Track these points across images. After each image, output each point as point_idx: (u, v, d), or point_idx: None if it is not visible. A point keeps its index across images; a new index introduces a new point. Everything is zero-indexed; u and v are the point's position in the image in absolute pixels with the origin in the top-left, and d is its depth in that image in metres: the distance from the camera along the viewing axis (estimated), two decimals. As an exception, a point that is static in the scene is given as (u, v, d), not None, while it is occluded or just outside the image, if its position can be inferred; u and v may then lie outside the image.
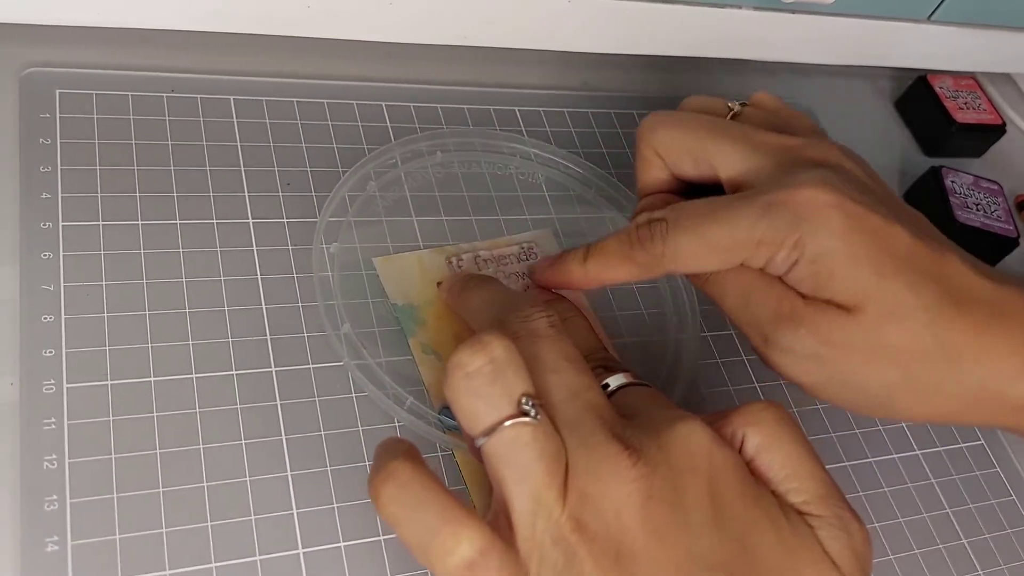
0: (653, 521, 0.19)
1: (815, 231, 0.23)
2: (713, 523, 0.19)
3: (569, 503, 0.19)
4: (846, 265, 0.23)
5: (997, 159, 0.44)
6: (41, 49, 0.29)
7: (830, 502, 0.21)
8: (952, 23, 0.39)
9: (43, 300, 0.25)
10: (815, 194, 0.23)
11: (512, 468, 0.19)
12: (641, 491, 0.19)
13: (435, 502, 0.19)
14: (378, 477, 0.19)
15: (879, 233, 0.23)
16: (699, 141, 0.26)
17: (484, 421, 0.19)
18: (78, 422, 0.23)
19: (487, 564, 0.18)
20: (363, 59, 0.33)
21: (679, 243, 0.24)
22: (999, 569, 0.30)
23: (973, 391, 0.24)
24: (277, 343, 0.26)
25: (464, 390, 0.20)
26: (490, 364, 0.19)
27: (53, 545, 0.21)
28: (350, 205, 0.29)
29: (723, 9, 0.34)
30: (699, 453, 0.20)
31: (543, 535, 0.19)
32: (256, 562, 0.22)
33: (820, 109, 0.41)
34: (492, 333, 0.20)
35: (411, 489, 0.19)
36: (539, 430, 0.19)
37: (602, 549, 0.19)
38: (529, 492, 0.19)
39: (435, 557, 0.18)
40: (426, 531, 0.18)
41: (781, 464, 0.21)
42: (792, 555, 0.20)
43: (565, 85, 0.36)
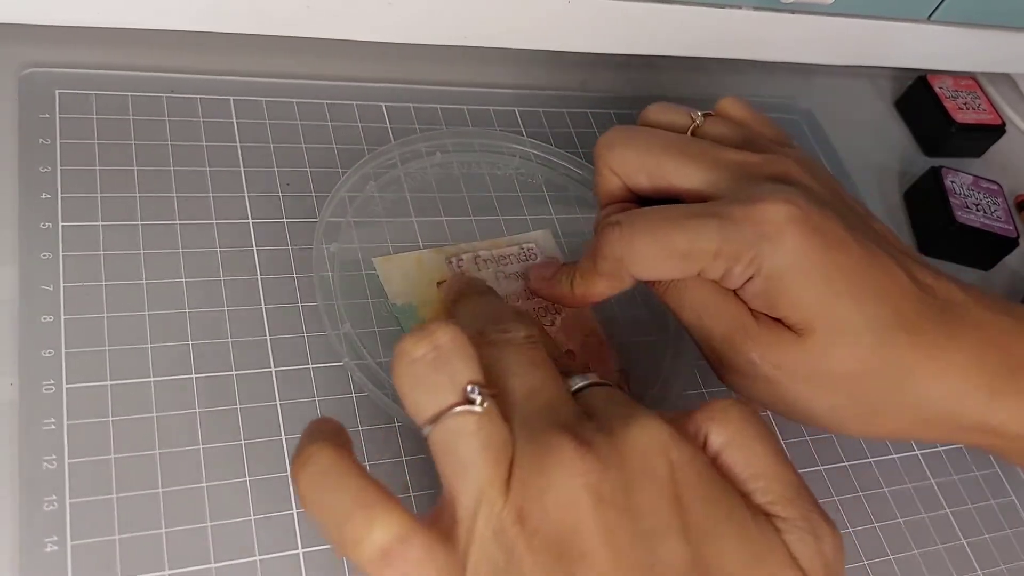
0: (604, 523, 0.18)
1: (772, 249, 0.23)
2: (668, 529, 0.18)
3: (512, 494, 0.18)
4: (798, 284, 0.23)
5: (997, 159, 0.44)
6: (41, 49, 0.29)
7: (798, 503, 0.19)
8: (952, 23, 0.39)
9: (43, 300, 0.25)
10: (774, 210, 0.23)
11: (455, 458, 0.18)
12: (590, 487, 0.18)
13: (352, 487, 0.18)
14: (297, 460, 0.18)
15: (833, 252, 0.23)
16: (656, 160, 0.25)
17: (427, 410, 0.19)
18: (77, 422, 0.23)
19: (405, 553, 0.17)
20: (363, 59, 0.33)
21: (636, 247, 0.24)
22: (998, 569, 0.30)
23: (923, 411, 0.23)
24: (277, 343, 0.26)
25: (407, 377, 0.19)
26: (434, 351, 0.19)
27: (52, 545, 0.21)
28: (350, 205, 0.29)
29: (722, 9, 0.34)
30: (656, 452, 0.19)
31: (484, 528, 0.18)
32: (256, 562, 0.22)
33: (820, 109, 0.41)
34: (439, 322, 0.19)
35: (329, 475, 0.18)
36: (484, 419, 0.18)
37: (544, 545, 0.17)
38: (471, 483, 0.18)
39: (348, 544, 0.17)
40: (340, 517, 0.17)
41: (746, 463, 0.20)
42: (756, 561, 0.18)
43: (565, 85, 0.36)
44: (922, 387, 0.23)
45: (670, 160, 0.25)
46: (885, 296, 0.23)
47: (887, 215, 0.39)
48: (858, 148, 0.41)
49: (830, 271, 0.23)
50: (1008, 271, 0.40)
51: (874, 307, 0.23)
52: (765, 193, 0.23)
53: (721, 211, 0.23)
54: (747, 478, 0.20)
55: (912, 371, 0.23)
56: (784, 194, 0.23)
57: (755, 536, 0.19)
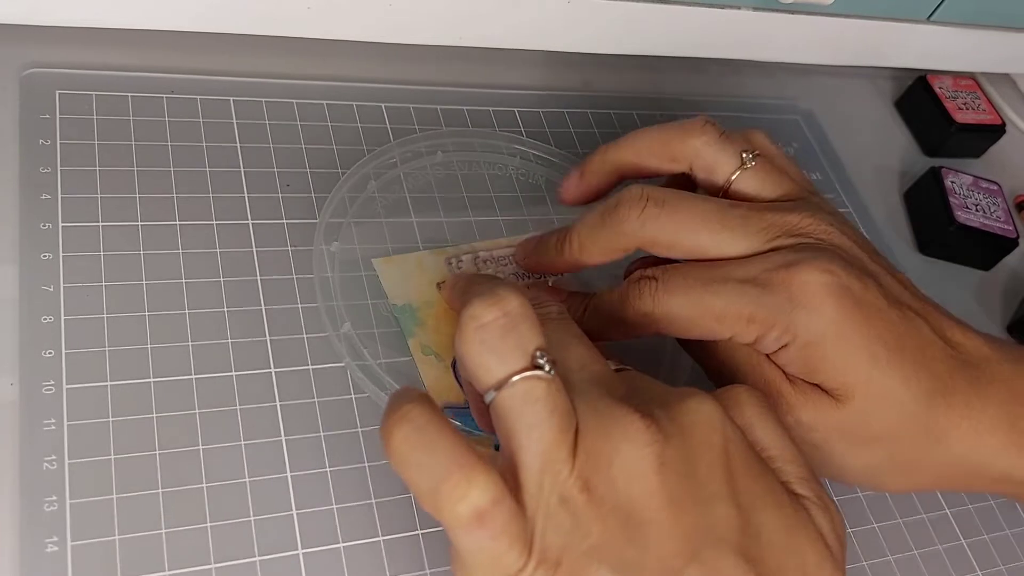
0: (666, 489, 0.18)
1: (808, 317, 0.23)
2: (724, 496, 0.19)
3: (578, 463, 0.18)
4: (837, 354, 0.23)
5: (996, 159, 0.44)
6: (41, 50, 0.29)
7: (811, 483, 0.21)
8: (951, 23, 0.39)
9: (43, 301, 0.25)
10: (812, 277, 0.23)
11: (522, 422, 0.18)
12: (655, 456, 0.18)
13: (449, 447, 0.18)
14: (392, 418, 0.18)
15: (871, 317, 0.23)
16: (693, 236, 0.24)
17: (495, 374, 0.19)
18: (78, 423, 0.23)
19: (496, 516, 0.18)
20: (362, 60, 0.33)
21: (669, 306, 0.24)
22: (998, 570, 0.30)
23: (956, 467, 0.24)
24: (276, 344, 0.26)
25: (476, 342, 0.19)
26: (504, 317, 0.19)
27: (53, 546, 0.21)
28: (350, 206, 0.29)
29: (722, 10, 0.34)
30: (712, 425, 0.20)
31: (550, 494, 0.18)
32: (256, 563, 0.22)
33: (819, 109, 0.41)
34: (507, 287, 0.19)
35: (425, 432, 0.18)
36: (552, 386, 0.19)
37: (611, 512, 0.18)
38: (539, 448, 0.18)
39: (444, 503, 0.18)
40: (437, 475, 0.18)
41: (765, 445, 0.21)
42: (794, 532, 0.20)
43: (565, 86, 0.36)
44: (956, 447, 0.24)
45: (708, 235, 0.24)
46: (922, 361, 0.24)
47: (887, 215, 0.39)
48: (858, 148, 0.41)
49: (869, 340, 0.23)
50: (1008, 271, 0.40)
51: (913, 374, 0.24)
52: (802, 261, 0.23)
53: (757, 277, 0.23)
54: (768, 458, 0.21)
55: (947, 432, 0.24)
56: (821, 261, 0.23)
57: (790, 509, 0.20)
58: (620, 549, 0.18)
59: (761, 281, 0.23)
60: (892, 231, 0.39)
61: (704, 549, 0.18)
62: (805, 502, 0.20)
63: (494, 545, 0.18)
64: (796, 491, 0.21)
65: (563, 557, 0.18)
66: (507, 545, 0.18)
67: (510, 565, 0.18)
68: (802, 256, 0.24)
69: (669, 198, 0.25)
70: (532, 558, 0.18)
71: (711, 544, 0.19)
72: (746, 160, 0.26)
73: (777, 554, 0.19)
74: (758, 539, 0.19)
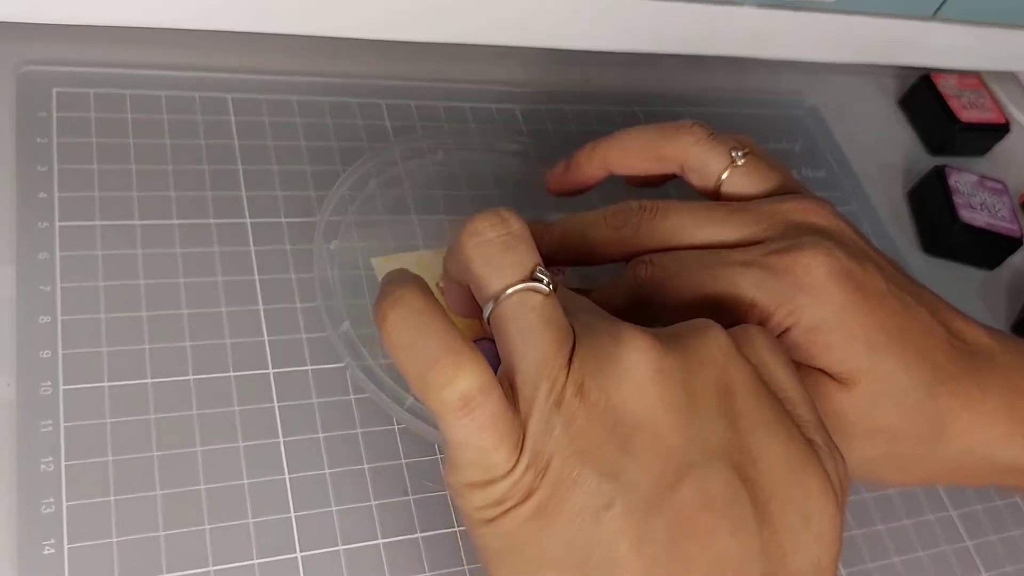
0: (661, 398, 0.18)
1: (811, 303, 0.23)
2: (722, 413, 0.19)
3: (573, 370, 0.18)
4: (841, 340, 0.23)
5: (1001, 158, 0.43)
6: (38, 47, 0.29)
7: (821, 429, 0.20)
8: (956, 21, 0.38)
9: (40, 301, 0.24)
10: (814, 263, 0.23)
11: (520, 329, 0.19)
12: (651, 362, 0.18)
13: (441, 331, 0.18)
14: (387, 300, 0.18)
15: (875, 308, 0.23)
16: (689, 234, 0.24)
17: (495, 284, 0.19)
18: (75, 424, 0.23)
19: (483, 405, 0.17)
20: (363, 56, 0.33)
21: (667, 291, 0.24)
22: (1004, 571, 0.29)
23: (957, 460, 0.24)
24: (275, 344, 0.26)
25: (478, 256, 0.19)
26: (507, 235, 0.19)
27: (50, 548, 0.21)
28: (350, 204, 0.29)
29: (726, 7, 0.34)
30: (717, 345, 0.19)
31: (545, 399, 0.18)
32: (254, 565, 0.22)
33: (823, 107, 0.41)
34: (510, 210, 0.20)
35: (420, 316, 0.18)
36: (549, 300, 0.19)
37: (603, 416, 0.18)
38: (535, 354, 0.18)
39: (431, 386, 0.18)
40: (427, 358, 0.18)
41: (781, 385, 0.20)
42: (800, 465, 0.19)
43: (567, 83, 0.36)
44: (957, 438, 0.24)
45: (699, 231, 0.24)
46: (924, 350, 0.23)
47: (891, 214, 0.39)
48: (862, 146, 0.41)
49: (871, 327, 0.23)
50: (1012, 270, 0.39)
51: (916, 363, 0.23)
52: (804, 244, 0.23)
53: (758, 260, 0.23)
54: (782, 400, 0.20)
55: (948, 424, 0.24)
56: (823, 246, 0.23)
57: (799, 445, 0.19)
58: (610, 455, 0.18)
59: (763, 264, 0.23)
60: (896, 230, 0.38)
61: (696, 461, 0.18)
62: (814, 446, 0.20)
63: (481, 437, 0.18)
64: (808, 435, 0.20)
65: (552, 460, 0.18)
66: (496, 440, 0.18)
67: (498, 464, 0.18)
68: (804, 240, 0.23)
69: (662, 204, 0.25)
70: (522, 459, 0.18)
71: (705, 456, 0.18)
72: (735, 158, 0.26)
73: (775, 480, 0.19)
74: (755, 463, 0.19)
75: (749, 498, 0.18)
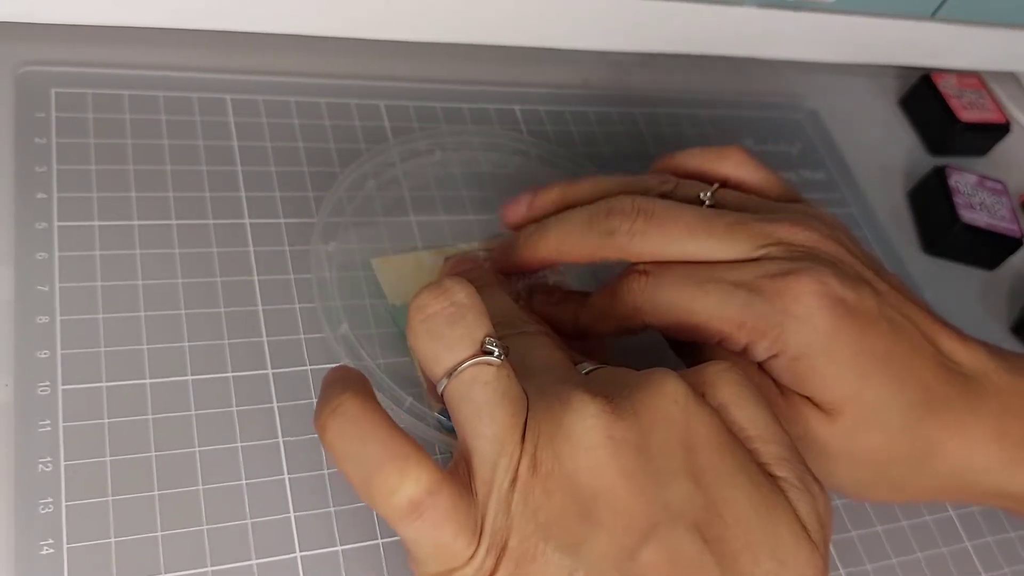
0: (617, 463, 0.18)
1: (800, 329, 0.23)
2: (682, 471, 0.18)
3: (527, 444, 0.18)
4: (827, 368, 0.23)
5: (1002, 158, 0.43)
6: (36, 48, 0.29)
7: (794, 463, 0.20)
8: (956, 21, 0.38)
9: (38, 301, 0.24)
10: (806, 288, 0.23)
11: (473, 407, 0.18)
12: (602, 428, 0.18)
13: (383, 438, 0.18)
14: (325, 409, 0.18)
15: (863, 332, 0.23)
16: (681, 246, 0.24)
17: (445, 362, 0.19)
18: (73, 424, 0.23)
19: (435, 505, 0.17)
20: (361, 57, 0.33)
21: (658, 302, 0.23)
22: (1002, 572, 0.29)
23: (946, 481, 0.24)
24: (273, 344, 0.26)
25: (424, 332, 0.19)
26: (452, 306, 0.19)
27: (48, 548, 0.21)
28: (348, 205, 0.29)
29: (726, 7, 0.34)
30: (673, 400, 0.19)
31: (503, 478, 0.18)
32: (253, 566, 0.22)
33: (823, 107, 0.41)
34: (454, 279, 0.19)
35: (359, 424, 0.18)
36: (502, 371, 0.19)
37: (559, 488, 0.18)
38: (489, 433, 0.18)
39: (378, 494, 0.17)
40: (370, 467, 0.17)
41: (743, 423, 0.20)
42: (768, 512, 0.19)
43: (565, 83, 0.36)
44: (946, 462, 0.24)
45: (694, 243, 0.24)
46: (913, 375, 0.23)
47: (891, 215, 0.39)
48: (862, 147, 0.40)
49: (860, 355, 0.23)
50: (1013, 271, 0.39)
51: (903, 389, 0.23)
52: (797, 271, 0.23)
53: (750, 282, 0.23)
54: (745, 439, 0.20)
55: (936, 449, 0.24)
56: (815, 272, 0.23)
57: (764, 490, 0.19)
58: (569, 526, 0.18)
59: (754, 287, 0.23)
60: (896, 230, 0.38)
61: (659, 526, 0.18)
62: (783, 483, 0.19)
63: (437, 534, 0.18)
64: (774, 472, 0.20)
65: (510, 539, 0.18)
66: (452, 533, 0.18)
67: (458, 553, 0.18)
68: (796, 266, 0.23)
69: (658, 209, 0.24)
70: (481, 544, 0.18)
71: (667, 521, 0.18)
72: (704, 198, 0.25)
73: (744, 533, 0.18)
74: (721, 517, 0.18)
75: (715, 559, 0.18)
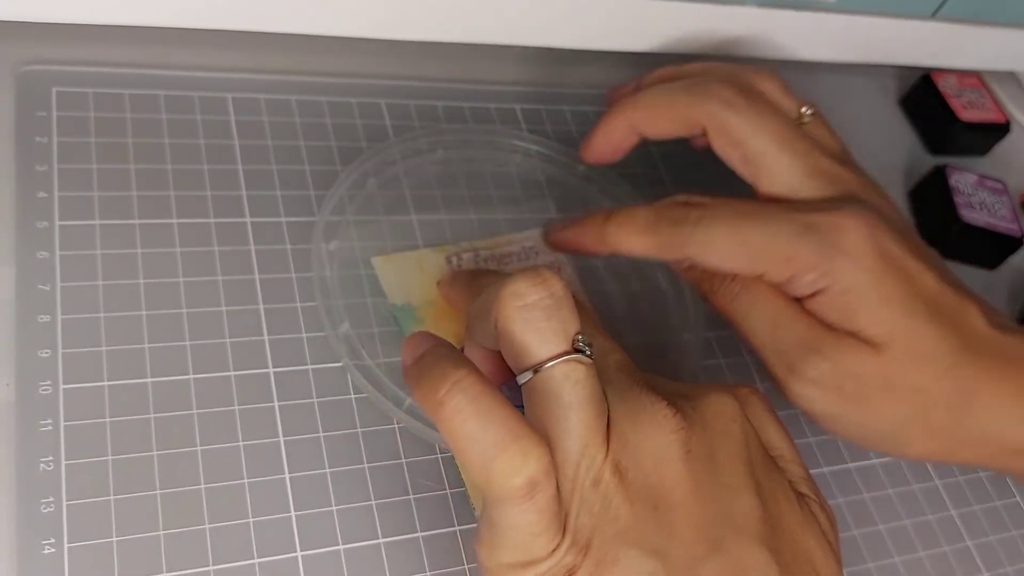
0: (692, 475, 0.19)
1: (849, 264, 0.23)
2: (746, 486, 0.20)
3: (612, 448, 0.19)
4: (876, 303, 0.23)
5: (1002, 158, 0.43)
6: (38, 47, 0.29)
7: (811, 484, 0.22)
8: (957, 20, 0.38)
9: (39, 300, 0.24)
10: (855, 226, 0.23)
11: (560, 404, 0.19)
12: (681, 443, 0.19)
13: (504, 417, 0.18)
14: (443, 386, 0.18)
15: (911, 275, 0.24)
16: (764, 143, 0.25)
17: (537, 355, 0.19)
18: (74, 423, 0.23)
19: (547, 488, 0.18)
20: (362, 56, 0.33)
21: (710, 231, 0.24)
22: (1004, 571, 0.29)
23: (975, 432, 0.24)
24: (275, 343, 0.26)
25: (520, 320, 0.19)
26: (550, 298, 0.19)
27: (49, 547, 0.21)
28: (349, 204, 0.29)
29: (726, 7, 0.34)
30: (732, 417, 0.20)
31: (585, 477, 0.18)
32: (254, 565, 0.22)
33: (824, 107, 0.41)
34: (549, 270, 0.19)
35: (479, 402, 0.18)
36: (591, 371, 0.19)
37: (639, 496, 0.19)
38: (578, 431, 0.18)
39: (499, 474, 0.18)
40: (492, 447, 0.17)
41: (773, 444, 0.22)
42: (803, 526, 0.20)
43: (566, 82, 0.36)
44: (982, 410, 0.24)
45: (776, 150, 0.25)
46: (955, 323, 0.24)
47: (891, 214, 0.39)
48: (862, 146, 0.40)
49: (905, 295, 0.23)
50: (1013, 270, 0.39)
51: (948, 332, 0.24)
52: (848, 208, 0.24)
53: (803, 216, 0.24)
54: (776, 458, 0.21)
55: (976, 394, 0.24)
56: (866, 214, 0.24)
57: (799, 505, 0.21)
58: (648, 533, 0.18)
59: (804, 221, 0.23)
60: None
61: (727, 537, 0.19)
62: (807, 501, 0.21)
63: (536, 520, 0.18)
64: (799, 490, 0.21)
65: (593, 539, 0.18)
66: (546, 523, 0.18)
67: (543, 546, 0.18)
68: (849, 205, 0.24)
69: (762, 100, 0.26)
70: (564, 540, 0.18)
71: (734, 532, 0.19)
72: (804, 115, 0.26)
73: (792, 546, 0.20)
74: (776, 530, 0.20)
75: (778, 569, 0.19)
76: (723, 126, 0.25)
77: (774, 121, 0.25)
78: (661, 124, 0.27)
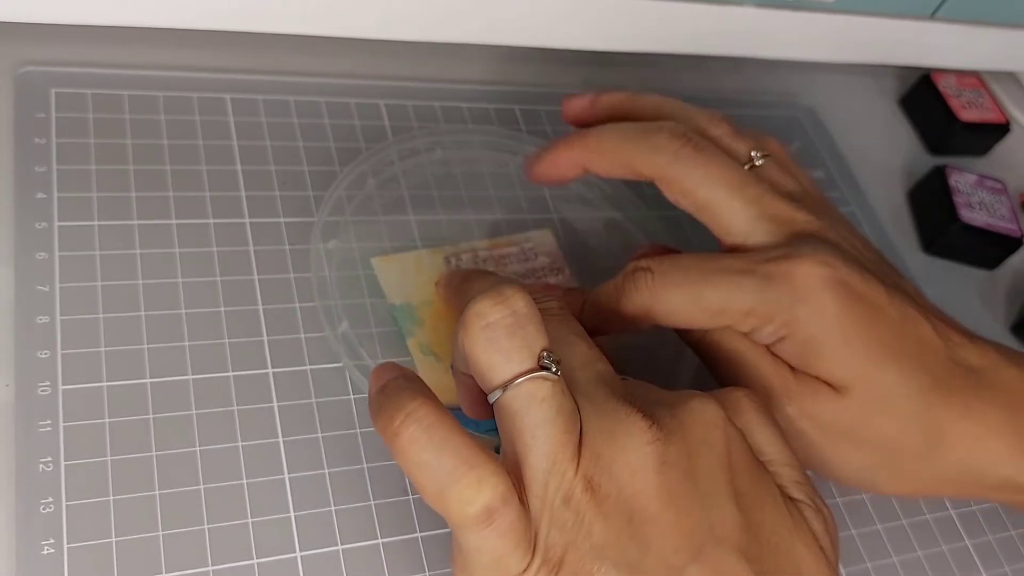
0: (667, 487, 0.19)
1: (808, 312, 0.23)
2: (726, 495, 0.19)
3: (583, 464, 0.18)
4: (837, 346, 0.23)
5: (1001, 158, 0.43)
6: (36, 48, 0.29)
7: (805, 487, 0.21)
8: (956, 20, 0.38)
9: (38, 301, 0.24)
10: (810, 271, 0.23)
11: (528, 423, 0.19)
12: (656, 455, 0.19)
13: (459, 446, 0.18)
14: (397, 417, 0.18)
15: (872, 310, 0.23)
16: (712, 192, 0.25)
17: (502, 374, 0.19)
18: (74, 424, 0.23)
19: (505, 514, 0.18)
20: (360, 57, 0.33)
21: (666, 298, 0.24)
22: (1002, 571, 0.29)
23: (953, 472, 0.24)
24: (274, 344, 0.26)
25: (483, 341, 0.19)
26: (512, 316, 0.19)
27: (49, 548, 0.21)
28: (347, 204, 0.29)
29: (726, 7, 0.34)
30: (715, 425, 0.20)
31: (555, 494, 0.18)
32: (253, 565, 0.22)
33: (823, 107, 0.41)
34: (513, 286, 0.19)
35: (433, 432, 0.18)
36: (557, 387, 0.19)
37: (613, 511, 0.18)
38: (544, 449, 0.18)
39: (454, 504, 0.18)
40: (446, 476, 0.18)
41: (763, 447, 0.21)
42: (791, 533, 0.20)
43: (565, 83, 0.36)
44: (954, 450, 0.24)
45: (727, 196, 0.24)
46: (920, 360, 0.24)
47: (891, 214, 0.39)
48: (862, 147, 0.41)
49: (868, 337, 0.23)
50: (1012, 271, 0.39)
51: (913, 373, 0.23)
52: (802, 252, 0.23)
53: (756, 269, 0.23)
54: (766, 462, 0.21)
55: (946, 435, 0.24)
56: (821, 254, 0.23)
57: (786, 511, 0.20)
58: (622, 547, 0.18)
59: (760, 273, 0.23)
60: (896, 230, 0.38)
61: (705, 547, 0.18)
62: (800, 505, 0.21)
63: (500, 543, 0.18)
64: (791, 495, 0.21)
65: (566, 557, 0.18)
66: (512, 545, 0.18)
67: (513, 566, 0.18)
68: (802, 249, 0.23)
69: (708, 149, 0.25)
70: (535, 558, 0.18)
71: (712, 543, 0.19)
72: (755, 158, 0.26)
73: (775, 555, 0.19)
74: (758, 539, 0.19)
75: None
76: (671, 178, 0.25)
77: (722, 168, 0.25)
78: (608, 168, 0.26)
